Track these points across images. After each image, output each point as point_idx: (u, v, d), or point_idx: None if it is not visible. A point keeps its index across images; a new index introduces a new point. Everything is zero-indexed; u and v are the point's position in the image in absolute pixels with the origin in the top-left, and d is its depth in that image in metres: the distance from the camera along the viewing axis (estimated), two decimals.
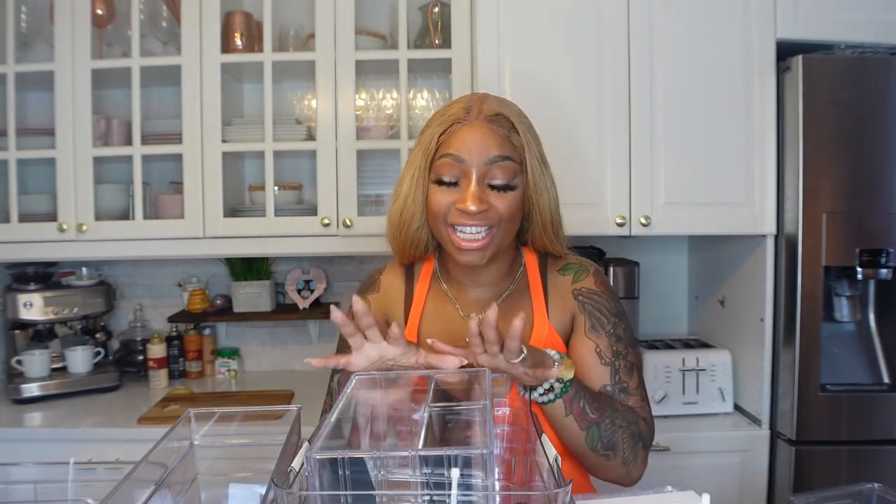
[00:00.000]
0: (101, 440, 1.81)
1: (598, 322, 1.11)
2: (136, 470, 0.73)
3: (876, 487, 0.92)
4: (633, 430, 1.05)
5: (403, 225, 1.11)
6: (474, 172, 1.02)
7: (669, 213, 1.85)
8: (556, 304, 1.13)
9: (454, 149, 1.03)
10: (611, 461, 1.04)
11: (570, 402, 1.00)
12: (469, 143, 1.02)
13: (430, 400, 0.81)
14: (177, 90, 1.98)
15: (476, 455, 0.63)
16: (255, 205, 2.14)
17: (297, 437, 0.89)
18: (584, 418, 1.01)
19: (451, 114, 1.06)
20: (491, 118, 1.04)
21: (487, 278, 1.13)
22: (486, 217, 1.02)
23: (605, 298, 1.14)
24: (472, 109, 1.05)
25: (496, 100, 1.09)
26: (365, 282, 1.24)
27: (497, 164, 1.02)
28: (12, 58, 1.96)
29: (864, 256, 1.72)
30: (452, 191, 1.03)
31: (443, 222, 1.05)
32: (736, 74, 1.82)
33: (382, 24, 2.14)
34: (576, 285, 1.14)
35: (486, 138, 1.02)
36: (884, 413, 1.75)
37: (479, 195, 1.01)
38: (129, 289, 2.40)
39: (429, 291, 1.17)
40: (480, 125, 1.03)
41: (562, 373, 0.98)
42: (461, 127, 1.04)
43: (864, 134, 1.74)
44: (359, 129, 2.01)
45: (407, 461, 0.64)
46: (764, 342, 1.85)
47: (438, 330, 1.12)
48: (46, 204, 2.02)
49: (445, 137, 1.04)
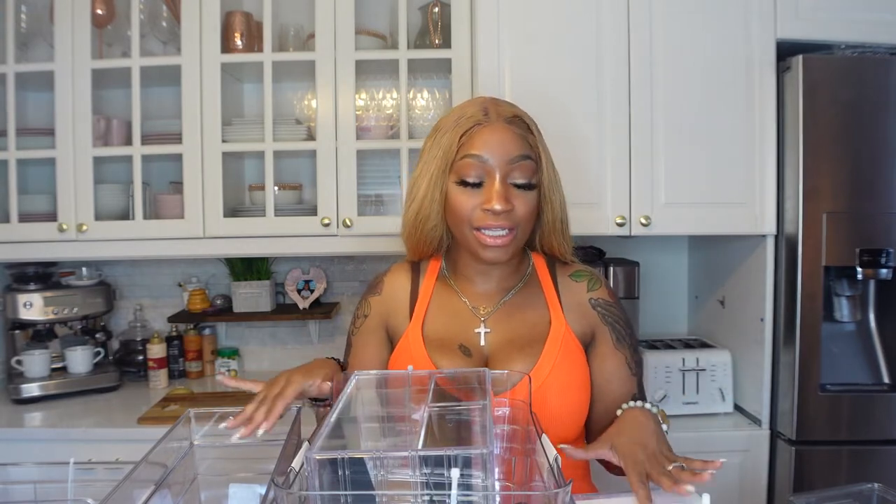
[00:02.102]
0: (101, 440, 1.81)
1: (620, 335, 1.16)
2: (136, 470, 0.73)
3: (876, 487, 0.92)
4: None
5: (419, 224, 1.13)
6: (498, 172, 1.04)
7: (669, 213, 1.85)
8: (573, 309, 1.15)
9: (477, 149, 1.05)
10: None
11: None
12: (492, 144, 1.05)
13: (430, 400, 0.81)
14: (177, 90, 1.98)
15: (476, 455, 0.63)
16: (255, 205, 2.14)
17: (297, 437, 0.89)
18: None
19: (469, 115, 1.08)
20: (509, 119, 1.07)
21: (498, 274, 1.16)
22: (509, 218, 1.05)
23: (619, 310, 1.18)
24: (489, 111, 1.08)
25: (507, 103, 1.13)
26: (370, 284, 1.27)
27: (518, 164, 1.05)
28: (12, 58, 1.96)
29: (864, 256, 1.72)
30: (475, 192, 1.06)
31: (467, 225, 1.07)
32: (736, 74, 1.82)
33: (382, 24, 2.14)
34: (592, 295, 1.17)
35: (507, 139, 1.05)
36: (884, 413, 1.75)
37: (504, 194, 1.04)
38: (129, 289, 2.40)
39: (435, 286, 1.19)
40: (501, 126, 1.06)
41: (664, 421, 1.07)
42: (482, 128, 1.06)
43: (864, 134, 1.74)
44: (359, 129, 2.01)
45: (407, 461, 0.64)
46: (764, 342, 1.85)
47: (444, 322, 1.15)
48: (46, 204, 2.01)
49: (467, 139, 1.06)
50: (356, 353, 1.21)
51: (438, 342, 1.12)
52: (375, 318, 1.20)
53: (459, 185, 1.07)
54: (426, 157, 1.12)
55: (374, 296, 1.22)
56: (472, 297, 1.17)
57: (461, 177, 1.06)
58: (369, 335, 1.20)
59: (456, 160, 1.07)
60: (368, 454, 0.66)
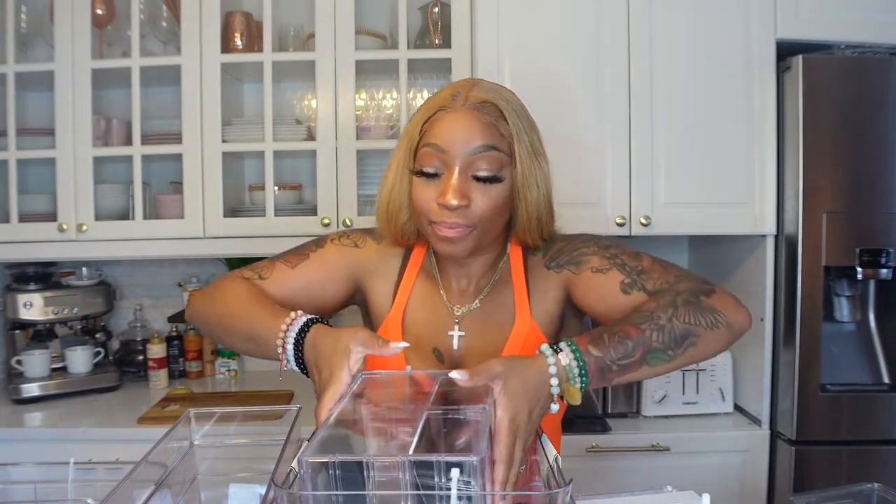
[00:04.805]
0: (101, 440, 1.81)
1: (580, 255, 1.04)
2: (136, 470, 0.73)
3: (876, 487, 0.92)
4: (680, 305, 0.93)
5: (392, 217, 1.04)
6: (457, 164, 0.95)
7: (669, 213, 1.85)
8: (538, 297, 1.06)
9: (436, 138, 0.96)
10: (701, 341, 0.92)
11: (601, 378, 0.88)
12: (452, 132, 0.95)
13: (431, 402, 0.81)
14: (177, 90, 1.98)
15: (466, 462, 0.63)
16: (255, 205, 2.14)
17: (297, 437, 0.89)
18: (628, 368, 0.89)
19: (437, 100, 0.99)
20: (477, 105, 0.96)
21: (471, 270, 1.08)
22: (465, 215, 0.95)
23: (574, 238, 1.07)
24: (459, 95, 0.98)
25: (488, 86, 1.00)
26: (374, 230, 1.12)
27: (481, 155, 0.95)
28: (12, 58, 1.96)
29: (864, 256, 1.72)
30: (434, 183, 0.96)
31: (425, 219, 0.99)
32: (736, 74, 1.82)
33: (382, 24, 2.14)
34: (547, 258, 1.07)
35: (471, 127, 0.95)
36: (884, 413, 1.75)
37: (460, 188, 0.94)
38: (129, 289, 2.40)
39: (418, 274, 1.10)
40: (465, 113, 0.96)
41: (572, 399, 0.86)
42: (445, 114, 0.97)
43: (864, 134, 1.74)
44: (359, 129, 2.01)
45: (396, 465, 0.64)
46: (764, 342, 1.85)
47: (423, 317, 1.07)
48: (46, 204, 2.01)
49: (429, 125, 0.98)
50: (309, 270, 1.09)
51: (415, 341, 1.04)
52: (361, 261, 1.10)
53: (418, 175, 0.98)
54: (397, 145, 1.04)
55: (375, 241, 1.12)
56: (451, 292, 1.09)
57: (420, 166, 0.97)
58: (339, 270, 1.09)
59: (419, 148, 0.98)
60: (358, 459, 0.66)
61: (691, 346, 0.91)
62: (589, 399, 1.94)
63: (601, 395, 1.95)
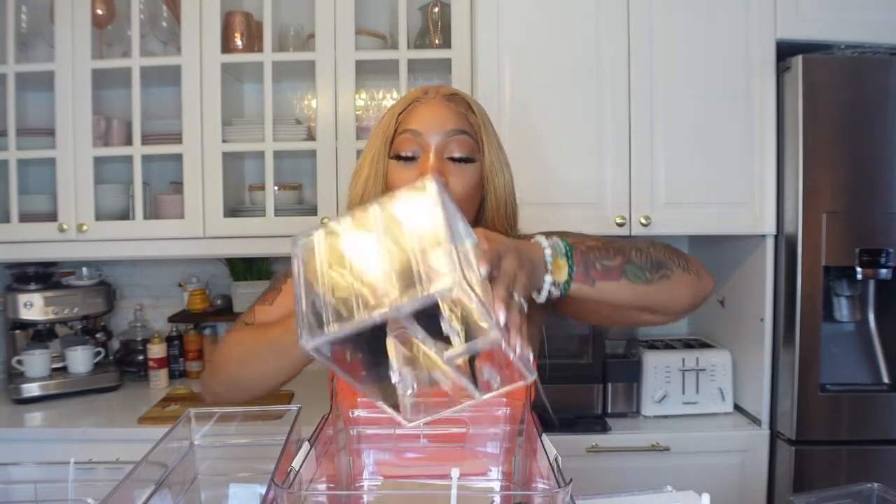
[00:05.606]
0: (101, 440, 1.81)
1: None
2: (136, 470, 0.73)
3: (876, 487, 0.92)
4: (656, 244, 0.97)
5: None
6: (433, 146, 1.04)
7: (669, 213, 1.85)
8: None
9: (412, 124, 1.05)
10: (674, 277, 0.95)
11: (585, 273, 0.88)
12: (427, 118, 1.05)
13: None
14: (177, 90, 1.98)
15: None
16: (255, 205, 2.14)
17: (298, 437, 0.89)
18: (610, 271, 0.90)
19: (409, 96, 1.10)
20: (448, 97, 1.08)
21: None
22: None
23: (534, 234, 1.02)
24: (430, 91, 1.09)
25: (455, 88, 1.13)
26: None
27: (455, 138, 1.05)
28: (12, 58, 1.96)
29: (864, 256, 1.72)
30: (411, 166, 1.05)
31: None
32: (736, 74, 1.83)
33: (382, 24, 2.14)
34: None
35: (444, 114, 1.06)
36: (884, 413, 1.75)
37: (437, 167, 1.02)
38: (129, 289, 2.40)
39: None
40: (438, 102, 1.07)
41: (556, 278, 0.85)
42: (419, 104, 1.07)
43: (864, 134, 1.74)
44: (359, 129, 2.01)
45: None
46: (764, 342, 1.86)
47: None
48: (46, 204, 2.01)
49: (404, 116, 1.07)
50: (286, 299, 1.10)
51: None
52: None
53: (396, 160, 1.06)
54: (369, 140, 1.11)
55: None
56: None
57: (397, 151, 1.06)
58: None
59: (395, 138, 1.07)
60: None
61: (665, 277, 0.95)
62: (589, 399, 1.94)
63: (601, 395, 1.95)
